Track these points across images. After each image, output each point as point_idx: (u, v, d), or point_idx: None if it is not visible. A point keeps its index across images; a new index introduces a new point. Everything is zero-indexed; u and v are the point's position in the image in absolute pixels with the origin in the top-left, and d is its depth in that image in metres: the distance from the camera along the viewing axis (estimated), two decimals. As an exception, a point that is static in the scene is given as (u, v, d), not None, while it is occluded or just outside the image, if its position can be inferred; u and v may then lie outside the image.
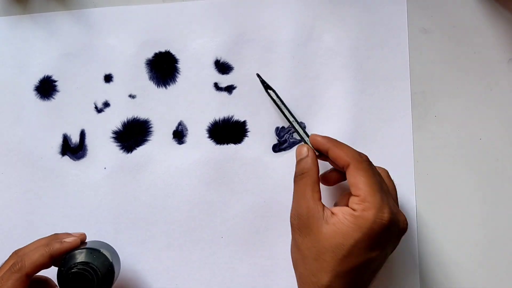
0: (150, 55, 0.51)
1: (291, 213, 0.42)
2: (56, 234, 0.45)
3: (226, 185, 0.50)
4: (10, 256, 0.44)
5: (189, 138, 0.51)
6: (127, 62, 0.51)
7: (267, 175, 0.50)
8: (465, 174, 0.49)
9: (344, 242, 0.38)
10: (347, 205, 0.40)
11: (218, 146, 0.50)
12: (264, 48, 0.50)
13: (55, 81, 0.51)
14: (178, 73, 0.51)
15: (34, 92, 0.51)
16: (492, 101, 0.49)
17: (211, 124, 0.50)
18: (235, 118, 0.50)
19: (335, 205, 0.45)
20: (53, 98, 0.51)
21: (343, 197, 0.44)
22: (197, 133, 0.50)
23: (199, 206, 0.50)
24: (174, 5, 0.51)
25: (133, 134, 0.51)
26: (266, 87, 0.49)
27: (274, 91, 0.49)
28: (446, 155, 0.49)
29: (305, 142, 0.46)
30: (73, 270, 0.41)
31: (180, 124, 0.51)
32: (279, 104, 0.48)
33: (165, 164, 0.50)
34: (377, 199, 0.39)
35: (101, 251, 0.43)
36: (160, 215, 0.50)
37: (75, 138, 0.51)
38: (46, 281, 0.46)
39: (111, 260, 0.43)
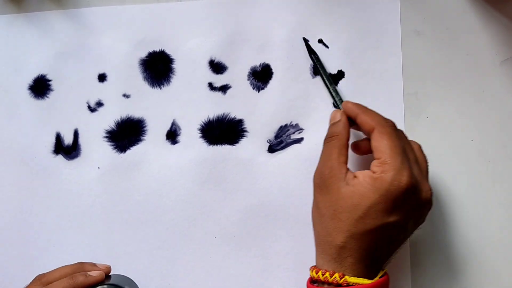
0: (144, 54, 0.51)
1: (315, 172, 0.43)
2: (81, 264, 0.44)
3: (220, 185, 0.50)
4: (33, 281, 0.43)
5: (183, 138, 0.51)
6: (121, 61, 0.51)
7: (261, 175, 0.50)
8: (457, 175, 0.49)
9: (361, 203, 0.39)
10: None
11: (212, 146, 0.50)
12: (259, 48, 0.50)
13: (49, 80, 0.51)
14: (172, 73, 0.51)
15: (28, 91, 0.51)
16: (484, 102, 0.49)
17: (205, 124, 0.51)
18: (229, 117, 0.50)
19: None
20: (47, 97, 0.51)
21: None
22: (191, 133, 0.51)
23: (192, 206, 0.50)
24: (168, 5, 0.51)
25: (126, 134, 0.51)
26: (310, 51, 0.49)
27: (317, 56, 0.49)
28: (438, 156, 0.49)
29: (338, 107, 0.47)
30: None
31: (173, 124, 0.51)
32: (319, 69, 0.49)
33: (159, 163, 0.50)
34: (396, 162, 0.39)
35: None
36: (154, 214, 0.50)
37: (68, 137, 0.51)
38: None
39: None
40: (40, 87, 0.51)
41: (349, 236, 0.39)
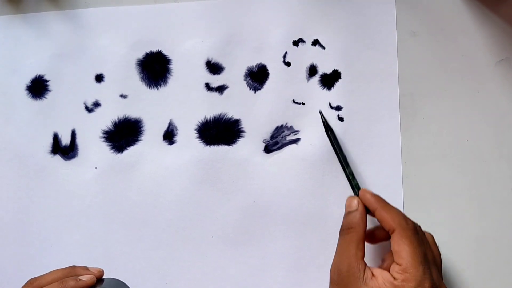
0: (141, 55, 0.51)
1: (331, 268, 0.42)
2: (73, 268, 0.44)
3: (216, 185, 0.50)
4: (25, 285, 0.43)
5: (180, 138, 0.51)
6: (118, 62, 0.51)
7: (258, 175, 0.50)
8: (452, 175, 0.49)
9: None
10: (388, 270, 0.40)
11: (209, 146, 0.51)
12: (255, 49, 0.51)
13: (47, 81, 0.52)
14: (169, 73, 0.51)
15: (26, 92, 0.52)
16: (479, 103, 0.49)
17: (202, 124, 0.51)
18: (226, 118, 0.51)
19: (382, 262, 0.45)
20: (44, 97, 0.52)
21: (389, 257, 0.44)
22: (188, 134, 0.51)
23: (189, 205, 0.50)
24: (165, 6, 0.51)
25: (124, 134, 0.51)
26: (327, 127, 0.48)
27: (333, 132, 0.48)
28: (434, 156, 0.49)
29: (356, 194, 0.45)
30: None
31: (170, 124, 0.51)
32: (336, 149, 0.47)
33: (156, 164, 0.51)
34: (419, 272, 0.38)
35: None
36: (151, 214, 0.50)
37: (66, 138, 0.51)
38: None
39: None
40: (38, 87, 0.52)
41: None
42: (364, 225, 0.42)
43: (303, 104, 0.50)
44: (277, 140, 0.50)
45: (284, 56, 0.50)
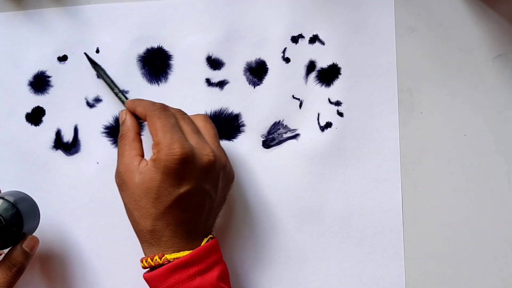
0: (142, 51, 0.51)
1: (114, 176, 0.44)
2: None
3: (217, 179, 0.50)
4: None
5: (180, 133, 0.51)
6: (119, 58, 0.51)
7: (258, 170, 0.50)
8: (450, 170, 0.50)
9: (151, 186, 0.41)
10: None
11: (209, 141, 0.51)
12: (255, 45, 0.51)
13: (48, 77, 0.52)
14: (170, 69, 0.51)
15: (28, 87, 0.52)
16: (477, 98, 0.50)
17: (202, 120, 0.51)
18: (226, 113, 0.51)
19: None
20: (47, 93, 0.52)
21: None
22: (189, 129, 0.51)
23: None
24: (166, 2, 0.51)
25: (125, 129, 0.51)
26: (93, 63, 0.51)
27: (99, 66, 0.51)
28: (432, 151, 0.50)
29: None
30: None
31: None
32: (103, 76, 0.51)
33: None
34: (166, 139, 0.41)
35: (4, 197, 0.44)
36: (152, 209, 0.51)
37: (68, 133, 0.52)
38: None
39: (15, 204, 0.44)
40: (40, 83, 0.52)
41: (153, 218, 0.41)
42: (134, 128, 0.46)
43: (302, 99, 0.51)
44: (273, 137, 0.51)
45: (284, 52, 0.51)
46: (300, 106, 0.51)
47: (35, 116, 0.52)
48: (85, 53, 0.51)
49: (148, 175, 0.41)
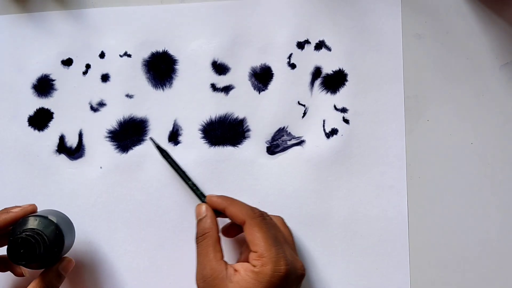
0: (147, 55, 0.51)
1: (196, 277, 0.43)
2: (5, 208, 0.46)
3: (221, 185, 0.50)
4: None
5: (185, 139, 0.51)
6: (124, 62, 0.51)
7: (262, 176, 0.50)
8: (457, 178, 0.49)
9: None
10: (248, 261, 0.42)
11: (214, 147, 0.51)
12: (261, 50, 0.51)
13: (52, 80, 0.52)
14: (175, 73, 0.51)
15: (32, 90, 0.52)
16: (483, 106, 0.50)
17: (207, 125, 0.51)
18: (231, 119, 0.51)
19: (240, 254, 0.47)
20: (51, 96, 0.52)
21: (245, 249, 0.46)
22: (193, 134, 0.51)
23: (193, 206, 0.50)
24: (172, 7, 0.51)
25: (129, 134, 0.51)
26: (161, 150, 0.49)
27: (168, 153, 0.49)
28: (438, 158, 0.49)
29: (203, 201, 0.47)
30: (16, 237, 0.41)
31: (176, 124, 0.51)
32: (174, 166, 0.49)
33: (161, 164, 0.51)
34: (272, 253, 0.41)
35: (48, 217, 0.43)
36: (155, 214, 0.50)
37: (71, 137, 0.51)
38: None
39: (58, 225, 0.43)
40: (44, 86, 0.52)
41: None
42: (216, 227, 0.44)
43: (308, 106, 0.50)
44: (277, 143, 0.50)
45: (289, 57, 0.51)
46: (305, 112, 0.50)
47: (39, 119, 0.51)
48: (150, 138, 0.50)
49: (244, 286, 0.40)
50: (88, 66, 0.52)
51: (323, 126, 0.50)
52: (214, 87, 0.51)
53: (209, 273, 0.42)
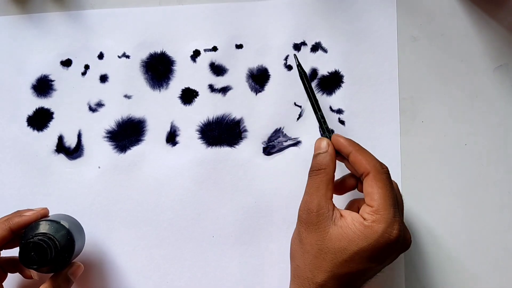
0: (145, 56, 0.52)
1: (300, 206, 0.42)
2: (18, 211, 0.46)
3: (218, 185, 0.51)
4: None
5: (182, 139, 0.51)
6: (123, 62, 0.52)
7: (259, 176, 0.51)
8: (451, 179, 0.50)
9: (348, 247, 0.39)
10: (357, 212, 0.40)
11: (211, 147, 0.51)
12: (258, 51, 0.51)
13: (52, 81, 0.52)
14: (173, 74, 0.52)
15: (31, 91, 0.52)
16: (477, 108, 0.50)
17: (204, 125, 0.51)
18: (228, 119, 0.51)
19: (347, 207, 0.46)
20: (50, 97, 0.52)
21: (354, 203, 0.44)
22: (191, 134, 0.51)
23: (190, 205, 0.51)
24: (170, 8, 0.52)
25: (127, 134, 0.51)
26: (301, 71, 0.46)
27: (307, 76, 0.47)
28: (433, 159, 0.50)
29: (327, 137, 0.44)
30: (29, 241, 0.41)
31: (173, 125, 0.51)
32: (308, 92, 0.46)
33: (159, 163, 0.51)
34: (390, 214, 0.39)
35: (60, 222, 0.44)
36: (152, 213, 0.51)
37: (70, 137, 0.52)
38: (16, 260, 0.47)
39: (70, 230, 0.44)
40: (43, 87, 0.52)
41: (331, 276, 0.39)
42: (334, 166, 0.42)
43: (304, 107, 0.51)
44: (273, 144, 0.51)
45: (286, 59, 0.51)
46: (302, 113, 0.51)
47: (38, 120, 0.52)
48: (294, 55, 0.48)
49: (349, 235, 0.39)
50: (87, 67, 0.52)
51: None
52: (211, 88, 0.51)
53: (315, 208, 0.40)
